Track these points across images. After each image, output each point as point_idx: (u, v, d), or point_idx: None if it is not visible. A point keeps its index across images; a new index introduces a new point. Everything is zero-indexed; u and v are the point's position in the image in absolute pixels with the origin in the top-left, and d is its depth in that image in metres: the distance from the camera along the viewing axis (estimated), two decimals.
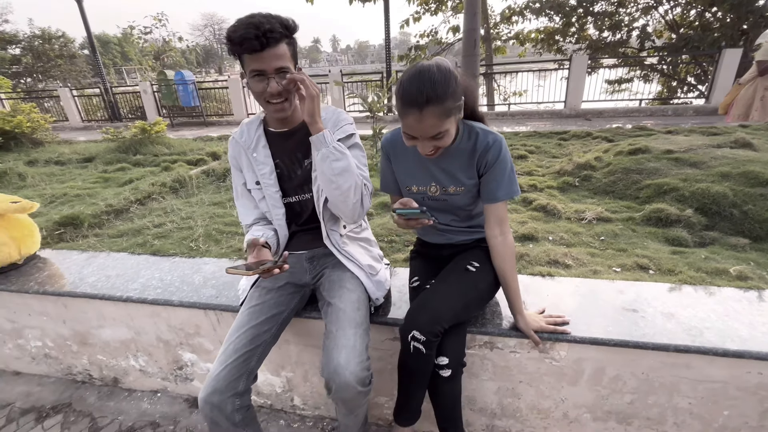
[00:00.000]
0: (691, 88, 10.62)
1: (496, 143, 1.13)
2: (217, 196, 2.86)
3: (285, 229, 1.30)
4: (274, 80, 1.05)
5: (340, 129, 1.20)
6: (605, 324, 1.24)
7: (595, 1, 10.24)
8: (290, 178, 1.26)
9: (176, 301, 1.53)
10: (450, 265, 1.25)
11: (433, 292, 1.14)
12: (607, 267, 1.64)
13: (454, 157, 1.18)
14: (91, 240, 2.16)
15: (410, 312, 1.12)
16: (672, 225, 2.02)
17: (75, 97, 11.23)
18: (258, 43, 0.99)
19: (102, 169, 3.76)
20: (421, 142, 1.06)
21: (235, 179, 1.31)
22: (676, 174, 2.38)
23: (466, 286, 1.17)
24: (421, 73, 0.98)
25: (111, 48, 39.56)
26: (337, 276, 1.27)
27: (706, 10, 9.87)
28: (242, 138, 1.23)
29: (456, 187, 1.21)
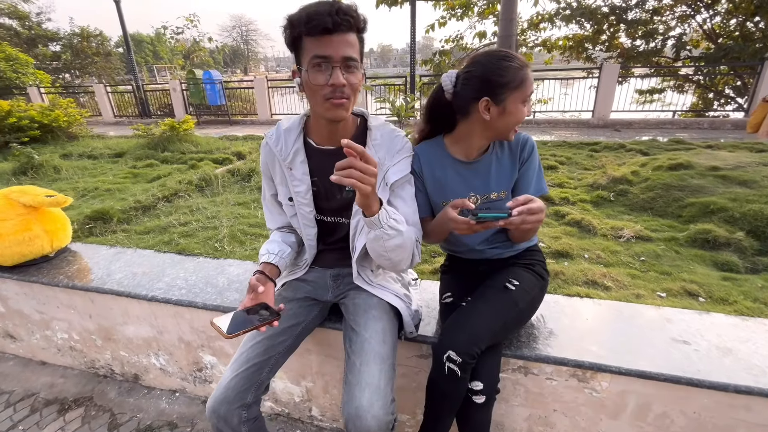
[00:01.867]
0: (728, 100, 10.15)
1: (530, 140, 1.15)
2: (242, 196, 2.87)
3: (314, 249, 1.24)
4: (339, 70, 0.90)
5: (397, 165, 1.07)
6: (653, 355, 1.14)
7: (628, 9, 9.92)
8: (327, 198, 1.15)
9: (200, 303, 1.51)
10: (488, 282, 1.18)
11: (470, 310, 1.07)
12: (650, 291, 1.54)
13: (493, 162, 1.15)
14: (120, 235, 2.18)
15: (446, 330, 1.05)
16: (720, 248, 1.89)
17: (108, 93, 11.66)
18: (330, 20, 0.85)
19: (132, 165, 3.84)
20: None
21: (264, 186, 1.24)
22: (723, 193, 2.23)
23: (505, 304, 1.10)
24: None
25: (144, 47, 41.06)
26: (363, 300, 1.17)
27: (747, 20, 9.42)
28: (278, 146, 1.11)
29: (498, 191, 1.17)
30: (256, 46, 59.20)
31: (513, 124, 1.04)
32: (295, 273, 1.31)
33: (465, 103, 1.07)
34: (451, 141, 1.18)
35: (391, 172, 1.07)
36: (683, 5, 9.91)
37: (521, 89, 1.00)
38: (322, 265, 1.31)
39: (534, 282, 1.18)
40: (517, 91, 1.00)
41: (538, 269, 1.22)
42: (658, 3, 9.92)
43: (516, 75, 0.99)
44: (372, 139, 1.08)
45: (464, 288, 1.25)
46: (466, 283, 1.26)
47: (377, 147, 1.07)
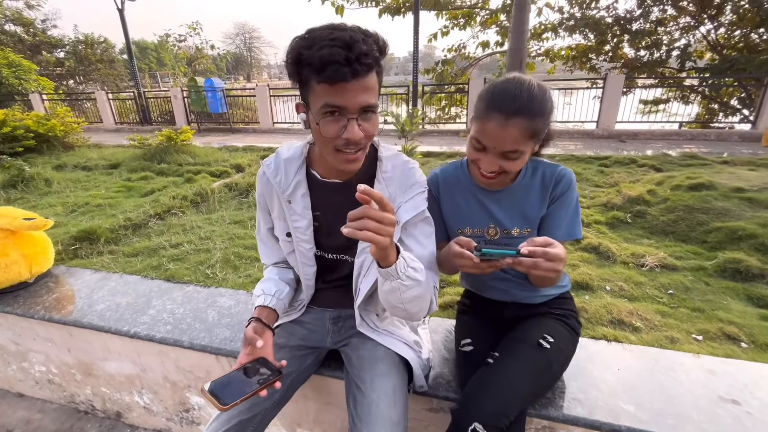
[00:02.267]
0: (734, 111, 10.05)
1: (568, 175, 1.01)
2: (239, 213, 2.74)
3: (312, 288, 1.11)
4: (356, 122, 0.77)
5: (410, 202, 0.94)
6: (700, 419, 0.99)
7: (633, 20, 9.88)
8: (329, 234, 1.02)
9: (186, 343, 1.37)
10: (518, 334, 1.03)
11: (499, 371, 0.93)
12: (685, 333, 1.39)
13: (520, 194, 1.03)
14: (106, 258, 2.05)
15: (470, 394, 0.91)
16: (754, 280, 1.74)
17: (110, 100, 11.63)
18: (349, 71, 0.71)
19: (126, 177, 3.72)
20: (488, 156, 0.92)
21: (260, 219, 1.11)
22: (751, 217, 2.09)
23: (539, 366, 0.96)
24: (521, 82, 0.88)
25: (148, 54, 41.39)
26: (368, 352, 1.02)
27: (752, 31, 9.36)
28: (277, 177, 0.98)
29: (521, 228, 1.04)
30: (259, 54, 59.69)
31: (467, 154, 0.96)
32: (290, 315, 1.18)
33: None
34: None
35: (403, 210, 0.94)
36: (687, 16, 9.88)
37: (479, 122, 0.90)
38: (320, 305, 1.17)
39: (568, 338, 1.04)
40: (476, 122, 0.91)
41: (572, 322, 1.08)
42: (663, 14, 9.87)
43: (480, 107, 0.90)
44: (383, 171, 0.95)
45: (487, 335, 1.10)
46: (488, 330, 1.12)
47: (388, 180, 0.95)
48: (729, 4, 9.18)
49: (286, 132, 9.85)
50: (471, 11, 11.70)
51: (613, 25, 10.12)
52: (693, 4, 9.46)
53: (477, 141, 0.91)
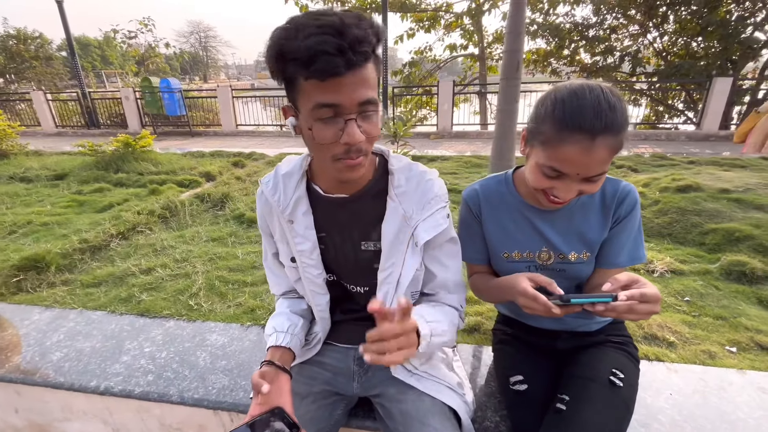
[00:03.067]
0: (678, 113, 10.88)
1: (632, 193, 0.88)
2: (216, 229, 2.46)
3: (328, 321, 0.95)
4: (355, 123, 0.64)
5: (429, 220, 0.81)
6: None
7: (589, 27, 10.42)
8: (337, 259, 0.88)
9: (176, 397, 1.13)
10: (584, 371, 0.90)
11: (579, 422, 0.79)
12: (718, 345, 1.35)
13: (578, 214, 0.90)
14: (59, 291, 1.73)
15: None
16: (759, 282, 1.76)
17: (49, 101, 10.52)
18: (342, 62, 0.58)
19: (76, 190, 3.28)
20: (566, 182, 0.77)
21: (264, 244, 0.95)
22: (743, 219, 2.15)
23: (619, 411, 0.84)
24: (594, 91, 0.73)
25: (91, 51, 38.34)
26: (412, 404, 0.86)
27: (692, 39, 10.18)
28: (275, 195, 0.84)
29: (579, 252, 0.92)
30: (216, 53, 57.24)
31: (531, 182, 0.82)
32: (306, 353, 1.00)
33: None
34: (521, 179, 0.93)
35: (422, 228, 0.80)
36: (636, 25, 10.56)
37: (546, 152, 0.75)
38: (341, 341, 1.00)
39: (634, 371, 0.94)
40: (541, 150, 0.76)
41: (632, 350, 0.98)
42: (616, 22, 10.48)
43: (552, 131, 0.74)
44: (395, 186, 0.81)
45: (540, 370, 0.97)
46: (541, 364, 0.99)
47: (402, 196, 0.81)
48: (672, 14, 9.91)
49: (252, 135, 9.39)
50: (436, 14, 11.81)
51: (572, 31, 10.61)
52: (640, 14, 10.11)
53: (552, 169, 0.76)
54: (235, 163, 4.21)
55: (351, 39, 0.59)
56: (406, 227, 0.81)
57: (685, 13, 9.70)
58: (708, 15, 9.05)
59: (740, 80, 9.44)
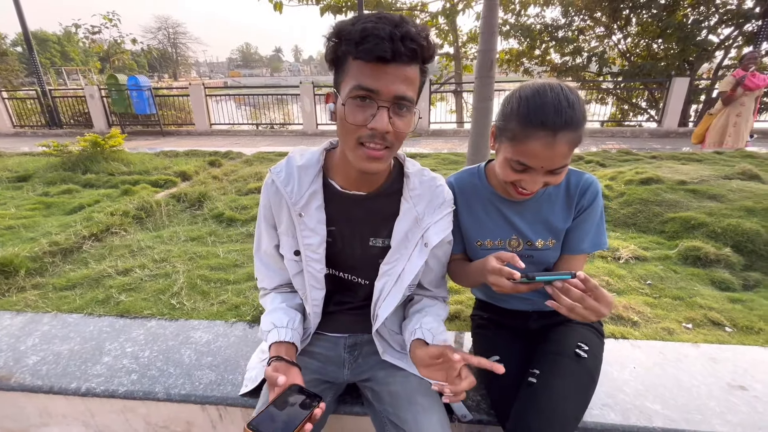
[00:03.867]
0: (641, 111, 11.46)
1: (594, 184, 0.97)
2: (194, 228, 2.42)
3: (320, 316, 0.98)
4: (387, 112, 0.68)
5: (439, 224, 0.88)
6: (720, 410, 1.04)
7: (559, 28, 10.80)
8: (343, 252, 0.91)
9: (162, 394, 1.13)
10: (553, 347, 0.98)
11: (547, 394, 0.86)
12: (676, 323, 1.47)
13: (544, 204, 0.98)
14: (30, 295, 1.67)
15: (521, 420, 0.84)
16: (711, 265, 1.91)
17: (5, 99, 9.90)
18: (390, 47, 0.64)
19: (42, 192, 3.13)
20: (532, 175, 0.84)
21: (262, 233, 0.95)
22: (698, 208, 2.32)
23: (584, 381, 0.92)
24: (555, 90, 0.79)
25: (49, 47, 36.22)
26: (400, 386, 0.91)
27: (653, 41, 10.73)
28: (288, 187, 0.85)
29: (546, 240, 1.00)
30: (186, 50, 55.34)
31: (501, 175, 0.88)
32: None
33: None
34: (493, 171, 0.99)
35: (433, 231, 0.87)
36: (602, 27, 11.03)
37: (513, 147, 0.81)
38: (332, 330, 1.03)
39: (598, 343, 1.02)
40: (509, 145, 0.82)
41: (596, 325, 1.07)
42: (583, 23, 10.91)
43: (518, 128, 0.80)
44: (410, 189, 0.87)
45: (515, 350, 1.04)
46: (515, 344, 1.06)
47: (416, 199, 0.87)
48: (634, 17, 10.41)
49: (226, 134, 9.18)
50: (411, 14, 11.91)
51: (542, 32, 10.96)
52: (605, 16, 10.57)
53: (518, 163, 0.82)
54: (211, 163, 4.13)
55: (403, 32, 0.65)
56: (417, 228, 0.86)
57: (646, 16, 10.21)
58: (667, 18, 9.57)
59: (696, 80, 10.06)
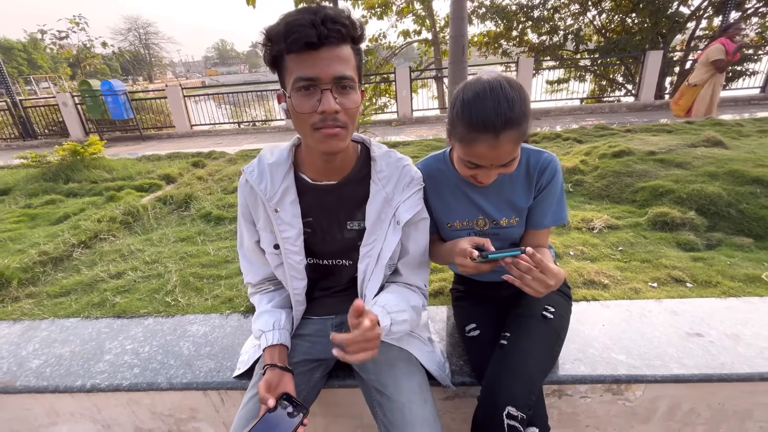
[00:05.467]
0: (619, 86, 11.64)
1: (552, 162, 1.02)
2: (183, 229, 2.45)
3: (303, 304, 1.04)
4: (330, 93, 0.72)
5: (409, 201, 0.92)
6: (678, 355, 1.15)
7: (534, 8, 10.82)
8: (323, 240, 0.96)
9: (164, 383, 1.20)
10: (522, 310, 1.07)
11: (516, 353, 0.95)
12: (643, 283, 1.58)
13: (507, 185, 1.04)
14: (25, 304, 1.70)
15: (494, 379, 0.92)
16: (678, 228, 2.03)
17: None
18: (314, 32, 0.67)
19: (24, 204, 3.10)
20: (485, 171, 0.91)
21: (243, 231, 1.00)
22: (666, 176, 2.44)
23: (550, 338, 1.01)
24: (494, 91, 0.82)
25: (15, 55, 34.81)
26: (382, 354, 0.97)
27: (627, 16, 10.85)
28: (261, 184, 0.89)
29: (509, 218, 1.07)
30: (159, 51, 53.73)
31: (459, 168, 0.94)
32: None
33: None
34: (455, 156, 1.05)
35: (403, 209, 0.91)
36: (576, 4, 11.09)
37: (462, 147, 0.87)
38: (320, 313, 1.10)
39: (565, 304, 1.11)
40: (459, 145, 0.88)
41: (564, 288, 1.16)
42: (558, 2, 10.95)
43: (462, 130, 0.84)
44: (377, 171, 0.92)
45: (490, 317, 1.13)
46: (489, 311, 1.15)
47: (384, 180, 0.91)
48: None
49: (208, 134, 9.07)
50: (387, 0, 11.79)
51: (518, 12, 10.98)
52: None
53: (470, 162, 0.88)
54: (195, 164, 4.12)
55: (323, 16, 0.69)
56: (388, 207, 0.90)
57: None
58: None
59: (670, 53, 10.25)
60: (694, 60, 9.05)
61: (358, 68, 0.78)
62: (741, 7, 9.58)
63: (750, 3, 9.70)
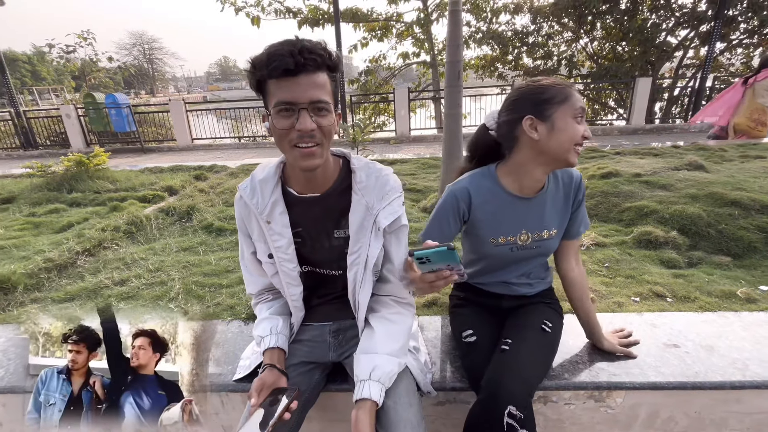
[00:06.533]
0: (611, 110, 12.02)
1: (581, 179, 1.15)
2: (185, 240, 2.52)
3: (302, 310, 1.11)
4: (307, 113, 0.80)
5: (388, 208, 0.96)
6: (656, 364, 1.22)
7: (529, 34, 11.26)
8: (314, 249, 1.03)
9: None
10: (521, 321, 1.15)
11: (518, 357, 1.02)
12: (626, 297, 1.66)
13: (549, 201, 1.12)
14: (31, 309, 1.75)
15: (496, 378, 0.98)
16: (661, 247, 2.12)
17: None
18: (292, 61, 0.77)
19: (29, 212, 3.16)
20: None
21: (242, 244, 1.09)
22: (650, 197, 2.55)
23: (547, 348, 1.11)
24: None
25: (19, 66, 35.32)
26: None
27: (617, 44, 11.32)
28: (253, 199, 0.98)
29: (550, 230, 1.14)
30: (163, 66, 54.73)
31: (568, 141, 0.97)
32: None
33: (510, 130, 1.03)
34: (504, 172, 1.10)
35: (382, 215, 0.96)
36: (569, 31, 11.58)
37: (568, 103, 0.96)
38: (318, 320, 1.17)
39: (558, 322, 1.20)
40: (563, 105, 0.95)
41: (556, 307, 1.24)
42: (551, 29, 11.42)
43: (559, 90, 0.96)
44: (357, 182, 0.98)
45: (487, 325, 1.20)
46: (487, 320, 1.22)
47: (364, 190, 0.97)
48: (599, 21, 10.98)
49: (209, 148, 9.20)
50: (387, 24, 12.22)
51: (513, 38, 11.42)
52: (572, 21, 11.10)
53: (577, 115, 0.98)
54: (197, 176, 4.21)
55: (301, 47, 0.79)
56: (369, 215, 0.96)
57: (609, 21, 10.79)
58: (628, 22, 10.14)
59: (659, 80, 10.67)
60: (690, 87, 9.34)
61: (334, 93, 0.87)
62: (726, 38, 10.05)
63: (734, 35, 10.17)
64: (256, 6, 10.53)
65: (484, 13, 11.52)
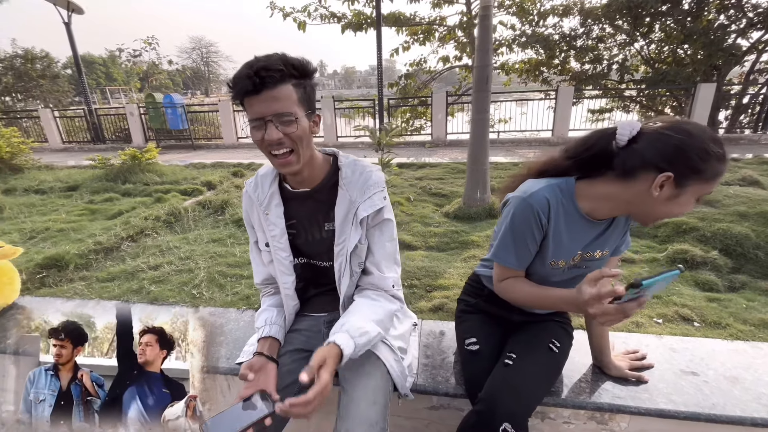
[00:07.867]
0: None
1: None
2: (216, 232, 2.69)
3: (296, 298, 1.15)
4: (273, 125, 0.88)
5: (368, 201, 1.00)
6: (668, 391, 1.13)
7: (577, 37, 10.75)
8: (307, 241, 1.10)
9: None
10: (531, 338, 1.11)
11: (521, 375, 0.99)
12: (647, 318, 1.56)
13: (614, 225, 1.03)
14: (78, 285, 1.95)
15: (495, 395, 0.95)
16: (698, 267, 1.97)
17: (56, 118, 10.90)
18: (250, 83, 0.84)
19: (88, 200, 3.53)
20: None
21: (249, 234, 1.17)
22: (691, 212, 2.36)
23: (553, 369, 1.07)
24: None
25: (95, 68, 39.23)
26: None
27: (678, 47, 10.48)
28: (255, 192, 1.08)
29: (603, 251, 1.06)
30: (218, 68, 58.34)
31: (670, 215, 0.89)
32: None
33: (636, 164, 0.84)
34: (584, 192, 0.97)
35: (362, 208, 1.00)
36: (623, 34, 10.90)
37: (711, 183, 0.82)
38: (313, 311, 1.22)
39: (567, 342, 1.15)
40: (705, 183, 0.81)
41: (568, 327, 1.20)
42: (602, 32, 10.82)
43: (717, 166, 0.80)
44: (343, 178, 1.03)
45: (493, 335, 1.17)
46: (493, 330, 1.19)
47: (349, 185, 1.02)
48: (657, 23, 10.24)
49: (251, 147, 9.67)
50: (430, 27, 12.20)
51: (560, 42, 10.95)
52: (627, 24, 10.45)
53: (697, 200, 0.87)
54: (234, 173, 4.47)
55: (257, 68, 0.85)
56: (352, 208, 1.01)
57: (669, 22, 10.03)
58: (691, 24, 9.36)
59: (726, 86, 9.73)
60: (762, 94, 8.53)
61: (304, 99, 0.91)
62: None
63: None
64: (303, 12, 10.95)
65: (530, 16, 11.16)
